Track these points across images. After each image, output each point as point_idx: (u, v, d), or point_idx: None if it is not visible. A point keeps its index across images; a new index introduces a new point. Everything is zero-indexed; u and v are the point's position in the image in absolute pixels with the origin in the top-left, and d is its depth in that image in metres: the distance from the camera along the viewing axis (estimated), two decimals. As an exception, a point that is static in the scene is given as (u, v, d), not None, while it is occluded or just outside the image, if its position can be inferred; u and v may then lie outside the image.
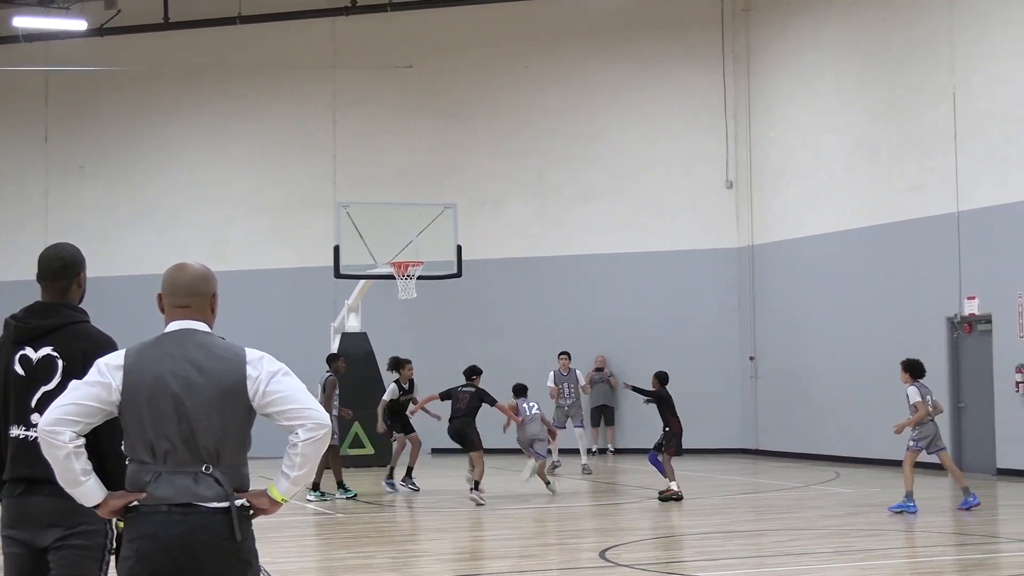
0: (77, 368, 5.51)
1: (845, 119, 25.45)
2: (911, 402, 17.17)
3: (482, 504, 18.01)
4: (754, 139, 28.13)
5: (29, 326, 5.69)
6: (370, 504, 19.43)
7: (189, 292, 5.04)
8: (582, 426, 24.75)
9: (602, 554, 12.97)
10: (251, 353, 4.96)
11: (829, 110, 25.90)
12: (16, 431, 5.66)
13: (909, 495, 16.73)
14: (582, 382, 25.21)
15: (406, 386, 21.41)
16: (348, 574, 12.50)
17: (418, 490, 20.59)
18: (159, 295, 5.07)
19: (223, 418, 4.86)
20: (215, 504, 4.84)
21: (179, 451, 4.83)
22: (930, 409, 17.23)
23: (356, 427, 25.53)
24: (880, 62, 24.65)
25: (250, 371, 4.88)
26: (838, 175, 25.54)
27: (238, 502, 4.89)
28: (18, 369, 5.68)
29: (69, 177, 31.75)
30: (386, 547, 15.06)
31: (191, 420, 4.83)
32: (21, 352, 5.68)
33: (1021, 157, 21.55)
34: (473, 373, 19.99)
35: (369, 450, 25.61)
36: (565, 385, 24.79)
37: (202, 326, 5.02)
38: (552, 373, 24.87)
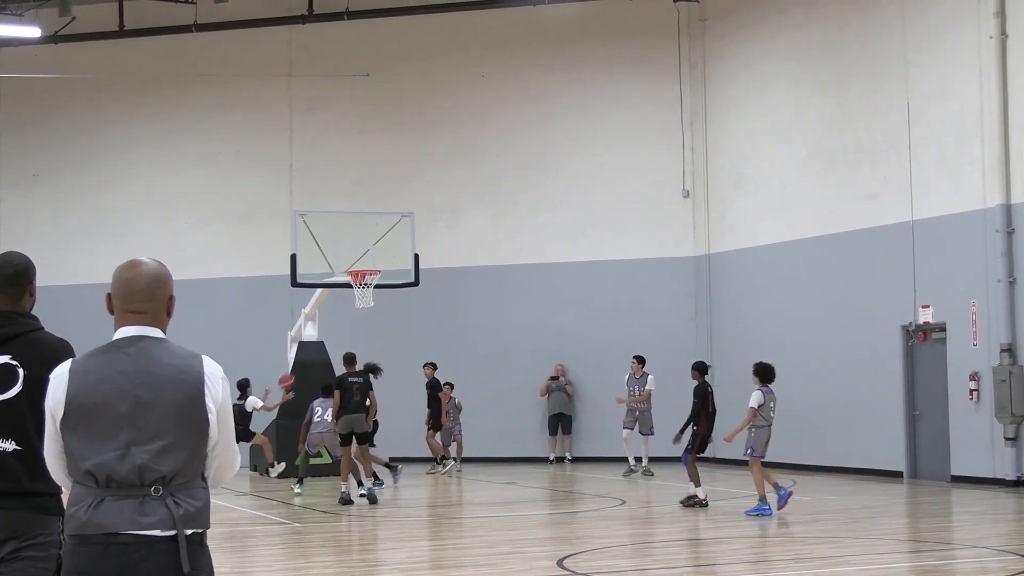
0: (41, 375, 5.45)
1: (799, 128, 25.60)
2: (748, 406, 17.45)
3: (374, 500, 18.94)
4: (710, 148, 28.26)
5: None
6: (327, 513, 19.37)
7: (144, 297, 4.59)
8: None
9: (560, 563, 12.97)
10: (209, 363, 4.55)
11: (784, 119, 26.05)
12: None
13: (762, 498, 17.18)
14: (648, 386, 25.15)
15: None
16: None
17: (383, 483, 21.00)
18: (108, 295, 4.62)
19: (177, 434, 4.40)
20: (160, 532, 4.34)
21: (124, 473, 4.36)
22: (772, 415, 17.59)
23: (313, 436, 25.40)
24: (834, 71, 24.82)
25: (209, 382, 4.48)
26: (793, 184, 25.69)
27: (188, 529, 4.39)
28: None
29: (22, 185, 31.52)
30: (343, 556, 15.02)
31: (139, 438, 4.37)
32: None
33: (973, 166, 21.74)
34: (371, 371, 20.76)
35: (327, 459, 25.48)
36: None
37: (156, 332, 4.57)
38: None
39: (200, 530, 4.45)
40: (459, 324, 29.24)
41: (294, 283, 25.12)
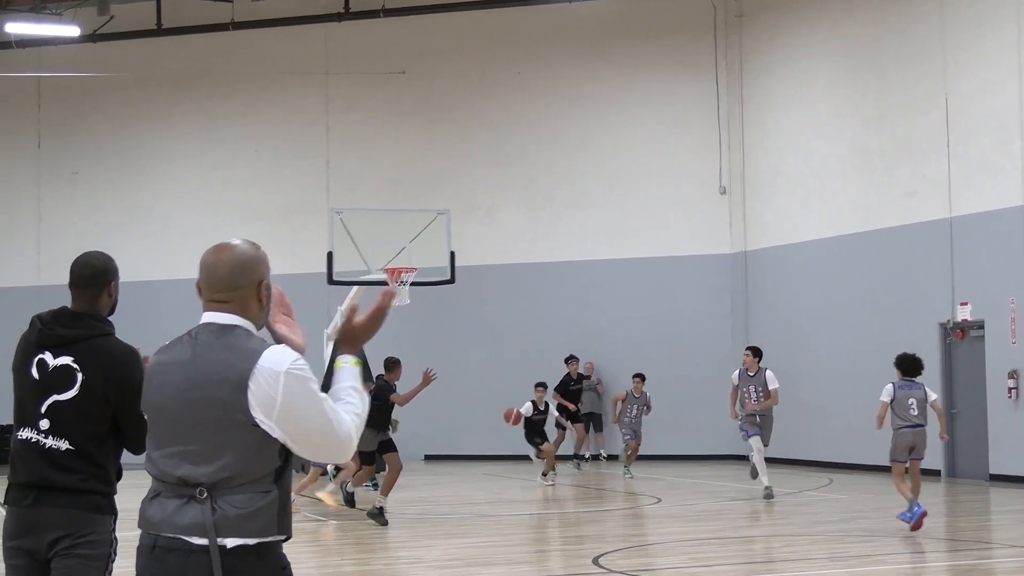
0: (97, 382, 5.54)
1: (837, 125, 25.49)
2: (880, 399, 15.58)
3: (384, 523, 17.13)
4: (747, 145, 28.16)
5: (53, 333, 5.66)
6: (364, 510, 19.38)
7: (226, 286, 4.19)
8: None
9: (596, 560, 12.96)
10: (269, 356, 4.05)
11: (821, 116, 25.94)
12: (26, 433, 5.63)
13: (912, 501, 15.26)
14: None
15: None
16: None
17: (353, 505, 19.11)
18: (197, 284, 4.27)
19: (216, 438, 4.01)
20: (196, 540, 3.97)
21: (172, 473, 4.07)
22: (913, 414, 15.42)
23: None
24: (872, 68, 24.69)
25: (259, 377, 4.01)
26: (831, 181, 25.58)
27: (230, 542, 3.96)
28: (34, 373, 5.65)
29: (61, 183, 31.72)
30: (378, 553, 15.04)
31: (185, 438, 4.05)
32: (40, 356, 5.66)
33: (1012, 163, 21.59)
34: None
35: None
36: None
37: (234, 320, 4.15)
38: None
39: (247, 540, 3.97)
40: (494, 321, 29.25)
41: (330, 280, 25.14)
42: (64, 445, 5.52)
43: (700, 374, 27.53)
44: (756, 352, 19.63)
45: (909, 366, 15.65)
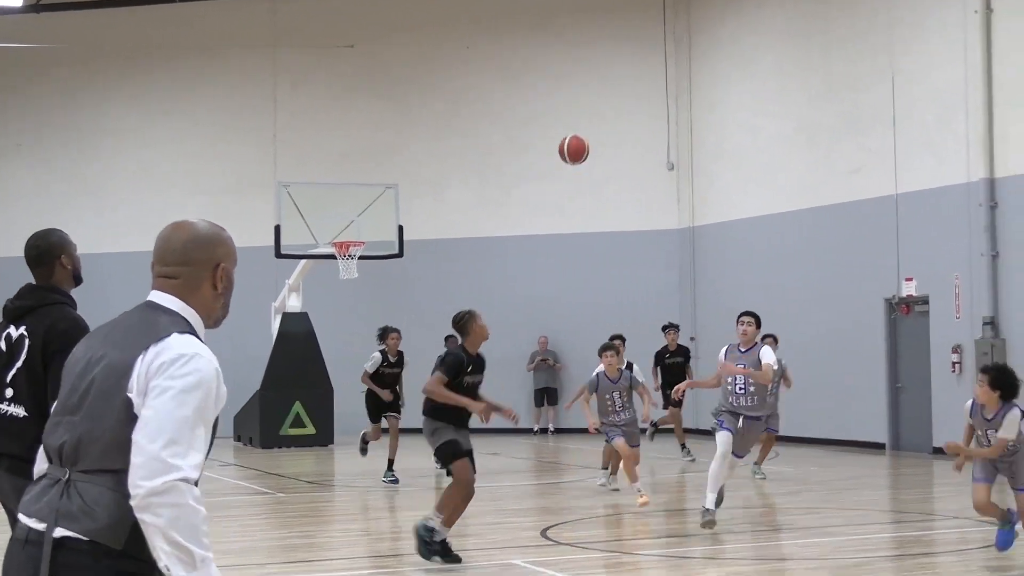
0: (37, 347, 5.74)
1: (784, 101, 25.62)
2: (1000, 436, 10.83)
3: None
4: (695, 121, 28.26)
5: (12, 307, 6.00)
6: (312, 484, 19.40)
7: (178, 259, 3.75)
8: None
9: (544, 533, 13.03)
10: (168, 343, 3.56)
11: (768, 93, 26.06)
12: (1, 405, 5.92)
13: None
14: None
15: (393, 358, 19.19)
16: (291, 553, 12.49)
17: (397, 481, 18.29)
18: (152, 263, 3.85)
19: (92, 411, 3.58)
20: (37, 524, 3.53)
21: (50, 443, 3.67)
22: None
23: (297, 406, 25.47)
24: (819, 45, 24.82)
25: (149, 359, 3.54)
26: (777, 157, 25.72)
27: (59, 532, 3.46)
28: (2, 346, 5.96)
29: (5, 155, 31.40)
30: (325, 526, 15.06)
31: (69, 407, 3.64)
32: (7, 331, 5.98)
33: (956, 140, 21.78)
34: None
35: (310, 430, 25.56)
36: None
37: (175, 305, 3.72)
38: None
39: (79, 535, 3.46)
40: (443, 296, 29.20)
41: (278, 254, 25.09)
42: (20, 412, 5.74)
43: (648, 348, 27.60)
44: (758, 320, 13.95)
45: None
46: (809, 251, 24.86)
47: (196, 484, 3.49)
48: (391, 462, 18.47)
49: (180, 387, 3.49)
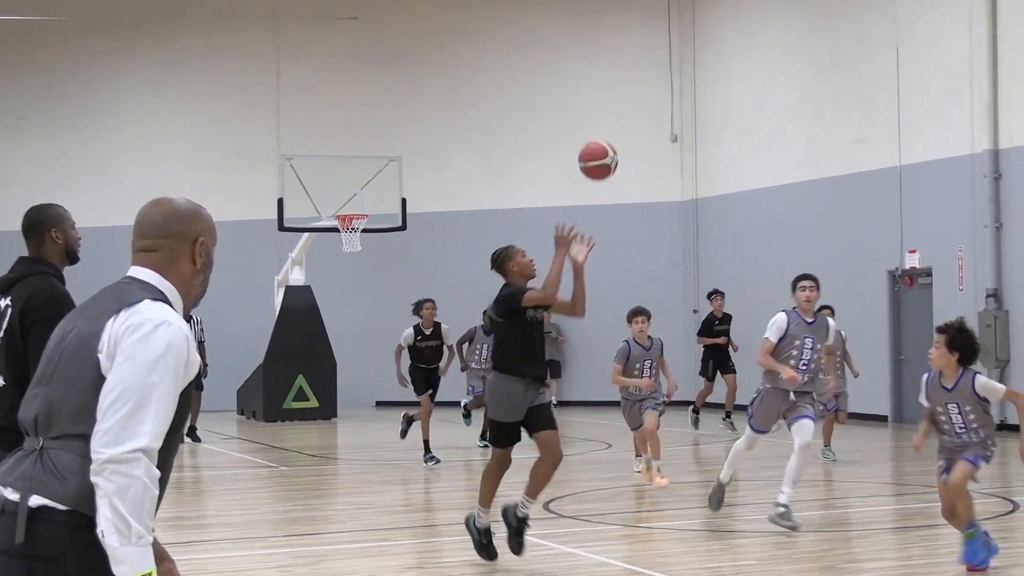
0: (16, 317, 5.80)
1: (789, 73, 25.54)
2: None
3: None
4: (699, 93, 28.18)
5: (3, 279, 6.05)
6: (315, 457, 19.44)
7: (158, 232, 3.78)
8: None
9: (546, 506, 13.05)
10: (139, 310, 3.56)
11: (773, 64, 25.98)
12: None
13: None
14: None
15: (428, 330, 18.32)
16: (294, 526, 12.52)
17: (439, 462, 17.24)
18: (132, 241, 3.91)
19: (64, 377, 3.59)
20: (11, 494, 3.53)
21: (24, 414, 3.67)
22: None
23: (300, 380, 25.49)
24: (824, 16, 24.73)
25: (117, 325, 3.54)
26: (782, 129, 25.66)
27: (35, 501, 3.47)
28: None
29: (7, 129, 31.35)
30: (328, 499, 15.09)
31: (44, 377, 3.65)
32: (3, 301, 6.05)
33: (961, 111, 21.72)
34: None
35: (313, 403, 25.59)
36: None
37: (154, 279, 3.73)
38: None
39: (56, 505, 3.47)
40: (446, 269, 29.22)
41: (281, 227, 25.08)
42: (1, 381, 5.77)
43: (652, 321, 27.60)
44: (818, 284, 12.57)
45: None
46: (812, 223, 24.82)
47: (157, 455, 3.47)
48: (427, 443, 17.31)
49: (148, 354, 3.48)
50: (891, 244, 22.98)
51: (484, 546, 9.98)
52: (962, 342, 9.22)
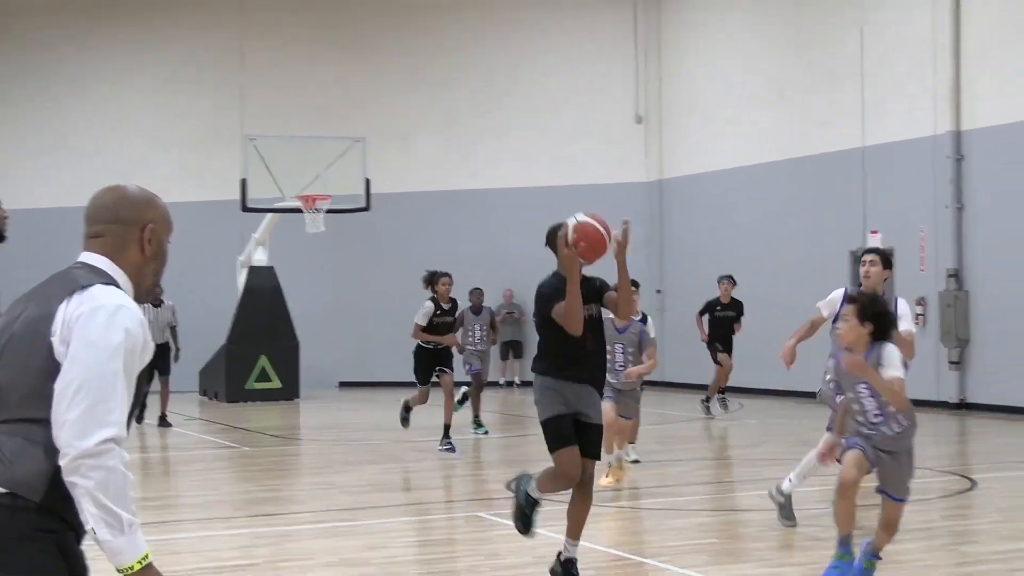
0: None
1: (754, 54, 25.61)
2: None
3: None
4: (664, 73, 28.22)
5: None
6: (277, 437, 19.42)
7: (107, 217, 3.74)
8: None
9: (508, 485, 13.04)
10: (91, 293, 3.53)
11: (738, 45, 26.04)
12: None
13: None
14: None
15: (447, 305, 16.96)
16: (256, 507, 12.50)
17: (454, 450, 16.25)
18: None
19: (18, 362, 3.53)
20: None
21: None
22: None
23: (263, 360, 25.46)
24: (788, -3, 24.79)
25: (70, 308, 3.51)
26: (746, 110, 25.72)
27: None
28: None
29: (-31, 108, 31.11)
30: (292, 479, 15.08)
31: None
32: None
33: (925, 93, 21.83)
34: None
35: (276, 384, 25.56)
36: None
37: (99, 260, 3.70)
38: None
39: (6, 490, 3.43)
40: (411, 249, 29.19)
41: (244, 208, 25.01)
42: None
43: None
44: (886, 261, 11.04)
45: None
46: (776, 204, 24.92)
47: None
48: (447, 428, 16.25)
49: (107, 340, 3.45)
50: (854, 224, 23.10)
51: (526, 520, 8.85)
52: (874, 310, 7.87)
